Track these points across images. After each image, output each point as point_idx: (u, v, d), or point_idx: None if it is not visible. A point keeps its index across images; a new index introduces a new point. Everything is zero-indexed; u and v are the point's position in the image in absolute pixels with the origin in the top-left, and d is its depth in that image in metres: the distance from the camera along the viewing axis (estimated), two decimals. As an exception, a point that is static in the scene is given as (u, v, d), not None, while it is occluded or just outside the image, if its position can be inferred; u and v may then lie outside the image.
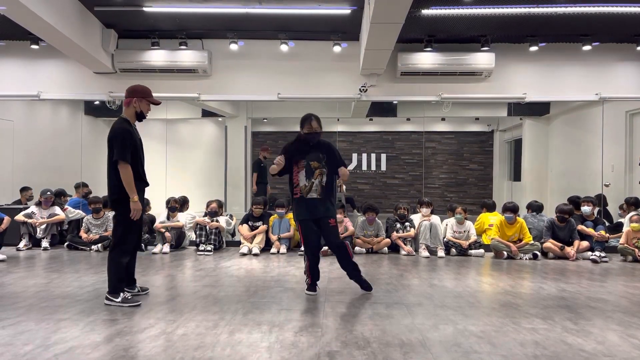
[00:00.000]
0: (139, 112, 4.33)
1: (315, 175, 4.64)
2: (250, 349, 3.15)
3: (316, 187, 4.63)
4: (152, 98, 4.39)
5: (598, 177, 8.87)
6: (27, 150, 9.64)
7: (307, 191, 4.63)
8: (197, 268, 6.10)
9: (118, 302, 4.17)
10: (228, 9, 7.18)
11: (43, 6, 6.23)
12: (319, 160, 4.67)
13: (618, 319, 3.96)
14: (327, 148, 4.75)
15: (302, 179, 4.64)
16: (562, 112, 10.78)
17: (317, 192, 4.63)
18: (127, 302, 4.19)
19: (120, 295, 4.21)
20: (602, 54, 8.46)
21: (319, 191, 4.64)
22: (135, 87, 4.36)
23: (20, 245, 7.51)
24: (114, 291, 4.23)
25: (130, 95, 4.31)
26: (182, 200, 8.10)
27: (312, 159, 4.66)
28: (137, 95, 4.30)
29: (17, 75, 8.62)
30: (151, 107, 4.42)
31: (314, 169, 4.64)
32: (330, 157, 4.73)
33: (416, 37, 8.14)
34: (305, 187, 4.63)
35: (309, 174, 4.64)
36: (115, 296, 4.20)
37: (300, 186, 4.65)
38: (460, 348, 3.21)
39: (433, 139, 13.44)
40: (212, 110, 10.42)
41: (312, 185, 4.62)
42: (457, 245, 7.38)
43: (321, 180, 4.66)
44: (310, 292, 4.71)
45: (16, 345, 3.18)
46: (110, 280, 4.25)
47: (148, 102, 4.36)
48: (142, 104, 4.33)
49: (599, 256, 6.88)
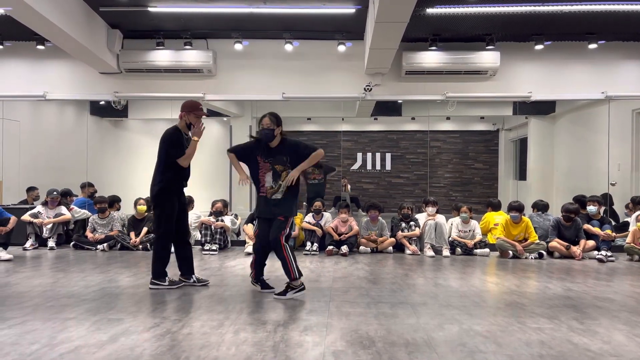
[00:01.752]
0: (188, 123, 4.85)
1: (282, 177, 4.68)
2: (255, 348, 3.15)
3: (283, 189, 4.68)
4: (198, 111, 4.86)
5: (604, 176, 8.83)
6: (34, 150, 9.69)
7: (273, 193, 4.70)
8: (202, 267, 6.11)
9: (165, 285, 4.81)
10: (233, 9, 7.18)
11: (49, 7, 6.25)
12: (283, 164, 4.70)
13: (624, 319, 3.94)
14: (290, 149, 4.74)
15: (268, 180, 4.70)
16: (568, 111, 10.74)
17: (281, 194, 4.69)
18: (174, 284, 4.83)
19: (166, 280, 4.83)
20: (608, 52, 8.41)
21: (285, 192, 4.70)
22: (185, 102, 4.90)
23: (27, 245, 7.54)
24: (158, 277, 4.82)
25: (181, 109, 4.86)
26: (187, 200, 8.07)
27: (277, 163, 4.70)
28: (184, 110, 4.84)
29: (23, 75, 8.66)
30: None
31: (280, 172, 4.69)
32: (293, 157, 4.70)
33: (421, 36, 8.12)
34: (272, 188, 4.69)
35: (275, 177, 4.70)
36: (161, 280, 4.83)
37: (266, 187, 4.71)
38: (465, 348, 3.20)
39: (438, 138, 13.41)
40: (217, 110, 10.43)
41: (279, 187, 4.68)
42: (462, 245, 7.37)
43: (286, 182, 4.68)
44: (256, 284, 4.86)
45: (22, 344, 3.19)
46: (152, 268, 4.87)
47: (195, 115, 4.83)
48: (190, 116, 4.83)
49: (605, 255, 6.84)
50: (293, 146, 4.75)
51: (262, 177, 4.72)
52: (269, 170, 4.70)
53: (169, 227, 4.84)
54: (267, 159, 4.71)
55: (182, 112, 4.85)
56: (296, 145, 4.77)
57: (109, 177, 10.42)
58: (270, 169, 4.70)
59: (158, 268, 4.86)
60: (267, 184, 4.70)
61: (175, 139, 4.78)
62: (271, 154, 4.71)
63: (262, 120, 4.70)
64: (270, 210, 4.69)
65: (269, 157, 4.71)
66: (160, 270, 4.86)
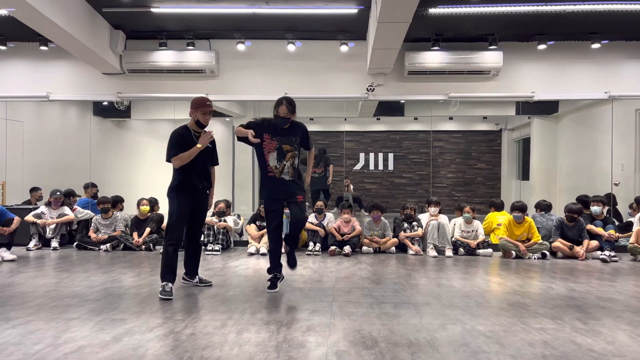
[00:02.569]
0: (196, 121, 4.76)
1: (287, 157, 4.64)
2: (258, 348, 3.16)
3: (287, 169, 4.65)
4: (204, 107, 4.75)
5: (607, 176, 8.81)
6: (37, 150, 9.71)
7: (279, 172, 4.65)
8: (205, 268, 6.12)
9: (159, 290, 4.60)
10: (235, 9, 7.19)
11: (52, 8, 6.27)
12: (292, 144, 4.67)
13: (628, 319, 3.93)
14: (299, 130, 4.73)
15: (272, 159, 4.64)
16: (571, 111, 10.71)
17: (288, 175, 4.66)
18: (162, 294, 4.52)
19: (161, 285, 4.59)
20: (611, 52, 8.39)
21: (291, 173, 4.67)
22: (194, 99, 4.80)
23: (30, 245, 7.56)
24: (161, 278, 4.65)
25: (190, 107, 4.78)
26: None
27: (285, 142, 4.65)
28: (192, 107, 4.76)
29: (27, 76, 8.69)
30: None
31: (286, 152, 4.64)
32: (303, 140, 4.74)
33: (423, 36, 8.11)
34: (277, 168, 4.65)
35: (280, 156, 4.64)
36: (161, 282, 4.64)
37: (271, 166, 4.66)
38: (468, 348, 3.20)
39: (441, 138, 13.39)
40: (220, 110, 10.43)
41: (283, 167, 4.64)
42: (465, 245, 7.36)
43: (292, 162, 4.68)
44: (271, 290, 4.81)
45: (26, 344, 3.20)
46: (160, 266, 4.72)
47: (202, 112, 4.75)
48: (198, 113, 4.75)
49: (608, 256, 6.83)
50: (302, 129, 4.75)
51: (267, 156, 4.65)
52: (274, 149, 4.63)
53: (175, 227, 4.66)
54: (275, 137, 4.64)
55: (191, 110, 4.80)
56: (304, 129, 4.78)
57: (112, 178, 10.44)
58: (276, 148, 4.63)
59: (162, 270, 4.66)
60: (271, 163, 4.64)
61: (176, 137, 4.69)
62: (279, 132, 4.66)
63: (279, 108, 4.59)
64: (285, 190, 4.64)
65: (277, 135, 4.65)
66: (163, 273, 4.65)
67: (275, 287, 4.82)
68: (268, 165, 4.67)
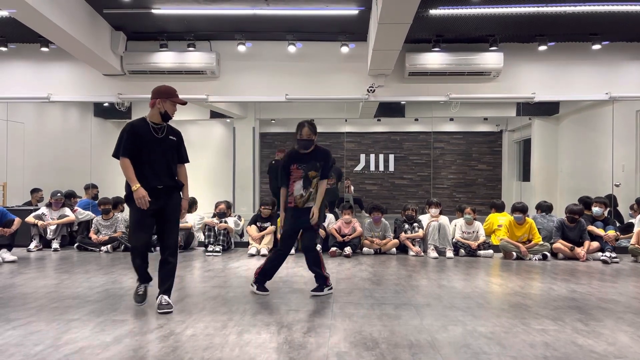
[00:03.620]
0: (164, 112, 4.25)
1: (313, 184, 4.65)
2: (259, 349, 3.15)
3: (314, 195, 4.66)
4: (177, 98, 4.30)
5: (608, 177, 8.80)
6: (38, 152, 9.72)
7: (304, 201, 4.64)
8: (205, 269, 6.12)
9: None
10: (236, 11, 7.20)
11: (53, 9, 6.28)
12: (316, 170, 4.68)
13: (629, 320, 3.92)
14: (322, 155, 4.74)
15: (298, 188, 4.64)
16: (572, 112, 10.71)
17: (313, 201, 4.66)
18: (134, 296, 4.31)
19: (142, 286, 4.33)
20: (611, 53, 8.39)
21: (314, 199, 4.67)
22: (160, 88, 4.29)
23: (31, 246, 7.57)
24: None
25: (154, 96, 4.25)
26: (191, 201, 8.12)
27: (310, 169, 4.66)
28: (161, 96, 4.23)
29: (28, 77, 8.70)
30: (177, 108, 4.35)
31: (312, 179, 4.65)
32: (324, 167, 4.73)
33: (424, 37, 8.11)
34: (302, 197, 4.63)
35: (306, 184, 4.64)
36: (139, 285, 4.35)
37: (295, 195, 4.64)
38: (469, 349, 3.19)
39: (441, 139, 13.39)
40: (220, 111, 10.45)
41: (309, 195, 4.64)
42: (465, 246, 7.35)
43: (317, 189, 4.68)
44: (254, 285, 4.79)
45: (27, 345, 3.20)
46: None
47: (173, 102, 4.27)
48: (167, 104, 4.24)
49: (609, 257, 6.82)
50: (325, 154, 4.74)
51: (292, 185, 4.66)
52: (300, 177, 4.64)
53: (136, 236, 4.17)
54: (300, 166, 4.66)
55: (156, 99, 4.22)
56: (327, 155, 4.76)
57: (113, 179, 10.41)
58: (302, 176, 4.64)
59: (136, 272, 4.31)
60: (296, 192, 4.64)
61: (128, 132, 4.12)
62: (304, 159, 4.68)
63: (302, 130, 4.62)
64: (305, 219, 4.61)
65: (302, 164, 4.67)
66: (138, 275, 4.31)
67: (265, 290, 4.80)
68: (291, 194, 4.67)
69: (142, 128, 4.19)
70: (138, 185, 4.04)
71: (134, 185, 4.04)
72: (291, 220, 4.69)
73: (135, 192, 4.02)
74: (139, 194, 4.02)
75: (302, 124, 4.65)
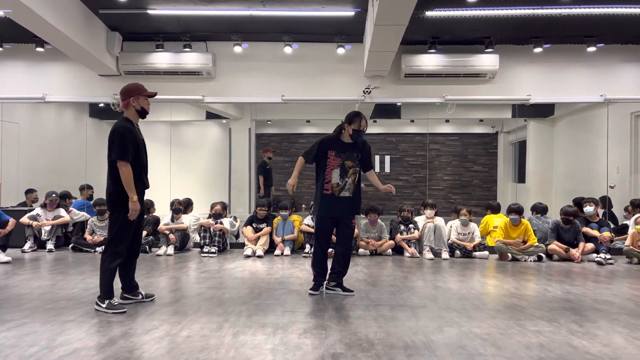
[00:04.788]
0: (140, 109, 4.24)
1: (349, 174, 4.67)
2: (255, 351, 3.15)
3: (349, 185, 4.67)
4: (147, 91, 4.29)
5: (603, 179, 8.84)
6: (32, 152, 9.68)
7: (340, 190, 4.66)
8: (201, 270, 6.11)
9: (103, 308, 4.02)
10: (232, 11, 7.20)
11: (48, 9, 6.26)
12: (353, 160, 4.70)
13: (624, 322, 3.94)
14: (362, 147, 4.78)
15: (335, 176, 4.66)
16: (567, 114, 10.75)
17: (350, 191, 4.68)
18: (112, 308, 4.01)
19: (105, 302, 4.04)
20: (606, 55, 8.43)
21: (352, 189, 4.69)
22: (128, 87, 4.26)
23: (26, 247, 7.53)
24: (101, 296, 4.08)
25: (126, 96, 4.22)
26: (187, 202, 8.11)
27: (347, 158, 4.69)
28: (133, 94, 4.22)
29: (23, 77, 8.67)
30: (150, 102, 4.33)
31: (348, 168, 4.67)
32: (364, 156, 4.78)
33: (420, 38, 8.14)
34: (338, 185, 4.66)
35: (343, 173, 4.66)
36: (101, 301, 4.06)
37: (332, 183, 4.67)
38: (464, 350, 3.20)
39: (437, 140, 13.41)
40: (216, 112, 10.44)
41: (345, 184, 4.66)
42: (461, 247, 7.37)
43: (354, 179, 4.71)
44: (312, 292, 4.77)
45: (21, 346, 3.19)
46: (100, 285, 4.11)
47: (145, 97, 4.26)
48: (140, 100, 4.23)
49: (604, 258, 6.85)
50: (363, 144, 4.77)
51: (329, 173, 4.67)
52: (338, 166, 4.66)
53: (126, 237, 4.15)
54: (339, 154, 4.69)
55: (130, 98, 4.21)
56: (367, 146, 4.81)
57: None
58: (339, 165, 4.66)
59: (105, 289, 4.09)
60: (334, 181, 4.66)
61: (130, 134, 4.11)
62: (344, 149, 4.70)
63: (361, 122, 4.65)
64: (340, 208, 4.66)
65: (341, 152, 4.69)
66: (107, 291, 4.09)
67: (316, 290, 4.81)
68: (328, 182, 4.67)
69: (135, 130, 4.20)
70: (136, 198, 4.09)
71: (134, 195, 4.07)
72: (323, 206, 4.71)
73: (133, 203, 4.06)
74: (136, 206, 4.08)
75: (360, 114, 4.69)
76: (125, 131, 4.11)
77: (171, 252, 7.31)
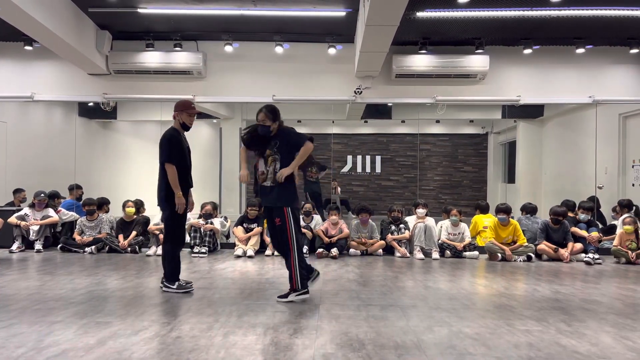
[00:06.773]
0: (182, 123, 4.90)
1: (269, 162, 4.65)
2: (245, 351, 3.14)
3: (270, 175, 4.64)
4: (190, 109, 4.91)
5: (592, 180, 8.92)
6: (21, 151, 9.59)
7: (264, 179, 4.68)
8: (191, 270, 6.08)
9: (174, 289, 4.78)
10: (223, 11, 7.17)
11: (37, 7, 6.20)
12: (271, 148, 4.68)
13: (612, 321, 3.98)
14: (281, 135, 4.71)
15: (261, 165, 4.71)
16: (556, 115, 10.85)
17: (270, 180, 4.63)
18: (182, 288, 4.79)
19: (175, 283, 4.81)
20: (595, 57, 8.50)
21: (272, 178, 4.63)
22: (177, 102, 4.95)
23: (13, 248, 7.45)
24: (171, 279, 4.83)
25: (175, 109, 4.90)
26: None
27: (267, 148, 4.70)
28: (177, 109, 4.89)
29: (11, 76, 8.57)
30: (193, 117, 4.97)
31: (267, 157, 4.66)
32: (283, 143, 4.67)
33: (411, 39, 8.16)
34: (263, 174, 4.68)
35: (265, 162, 4.68)
36: (171, 283, 4.81)
37: (259, 172, 4.72)
38: (454, 350, 3.21)
39: (428, 141, 13.47)
40: (207, 112, 10.40)
41: (267, 173, 4.65)
42: (451, 247, 7.40)
43: (274, 167, 4.65)
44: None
45: (9, 347, 3.15)
46: (166, 270, 4.86)
47: (188, 114, 4.89)
48: (183, 115, 4.89)
49: (592, 258, 6.90)
50: (285, 132, 4.73)
51: (257, 163, 4.74)
52: (261, 156, 4.69)
53: (181, 232, 4.94)
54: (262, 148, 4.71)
55: (175, 112, 4.91)
56: (286, 132, 4.73)
57: (98, 179, 10.35)
58: (261, 155, 4.69)
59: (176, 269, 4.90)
60: (260, 168, 4.70)
61: (177, 141, 4.83)
62: (265, 141, 4.70)
63: (258, 115, 4.68)
64: (265, 198, 4.69)
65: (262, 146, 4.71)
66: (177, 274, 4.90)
67: None
68: (257, 170, 4.72)
69: (181, 138, 4.90)
70: (181, 194, 4.75)
71: (178, 192, 4.74)
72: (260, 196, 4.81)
73: (178, 198, 4.74)
74: (181, 200, 4.75)
75: (261, 108, 4.72)
76: (172, 138, 4.81)
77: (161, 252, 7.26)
